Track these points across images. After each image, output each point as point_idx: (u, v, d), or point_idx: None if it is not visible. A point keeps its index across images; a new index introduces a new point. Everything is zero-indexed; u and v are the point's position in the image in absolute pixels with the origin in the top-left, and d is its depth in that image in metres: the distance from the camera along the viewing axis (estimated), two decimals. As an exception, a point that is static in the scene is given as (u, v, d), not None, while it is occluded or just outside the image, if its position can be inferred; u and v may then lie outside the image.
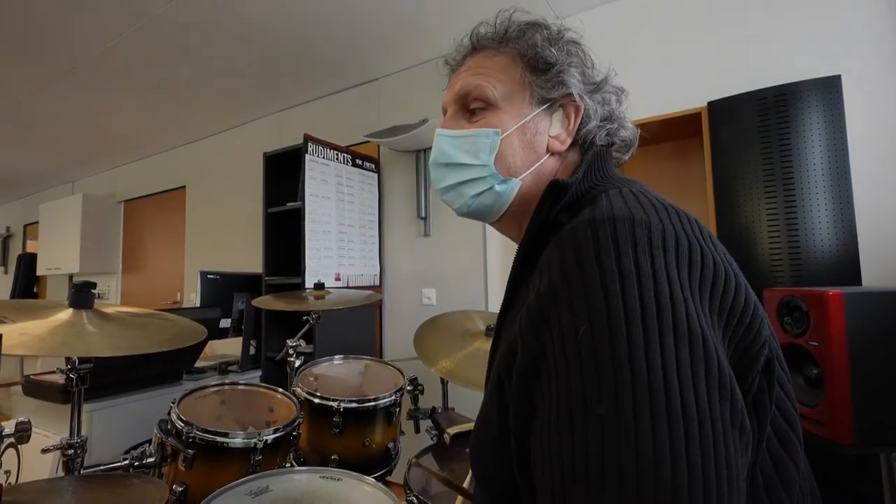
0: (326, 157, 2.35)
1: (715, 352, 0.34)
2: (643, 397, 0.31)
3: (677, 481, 0.29)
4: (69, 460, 0.82)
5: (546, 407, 0.36)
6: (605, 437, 0.32)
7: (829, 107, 1.51)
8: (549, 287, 0.38)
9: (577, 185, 0.48)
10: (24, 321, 0.76)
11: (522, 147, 0.54)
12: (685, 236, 0.37)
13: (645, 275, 0.34)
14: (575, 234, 0.39)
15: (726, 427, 0.32)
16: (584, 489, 0.31)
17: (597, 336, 0.34)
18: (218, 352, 2.67)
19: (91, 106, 3.08)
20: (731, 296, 0.37)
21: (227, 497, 0.91)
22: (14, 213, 5.77)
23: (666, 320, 0.33)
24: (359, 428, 1.27)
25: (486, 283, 2.31)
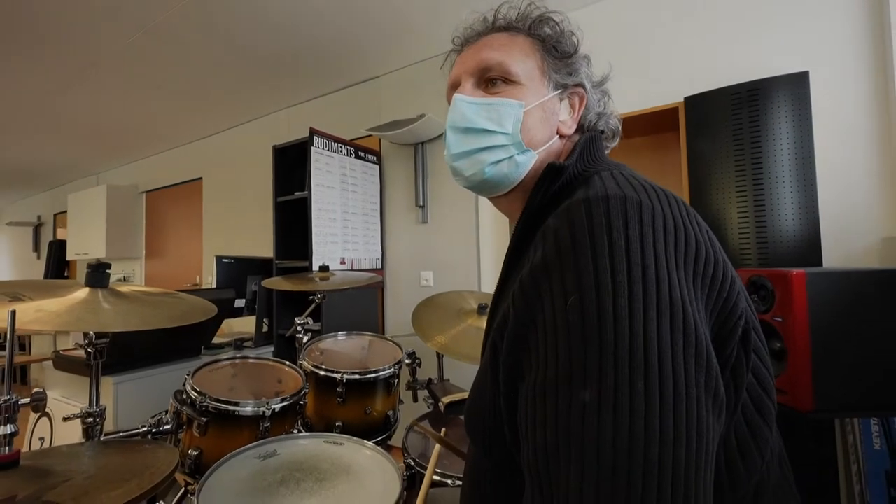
0: (331, 149, 2.31)
1: (694, 324, 0.33)
2: (623, 362, 0.31)
3: (649, 435, 0.29)
4: (89, 427, 0.81)
5: (533, 370, 0.36)
6: (585, 398, 0.31)
7: (797, 101, 1.48)
8: (543, 259, 0.37)
9: (572, 167, 0.47)
10: (42, 299, 0.74)
11: (541, 122, 0.52)
12: (671, 216, 0.37)
13: (634, 250, 0.34)
14: (570, 211, 0.37)
15: (700, 392, 0.32)
16: (565, 443, 0.31)
17: (585, 305, 0.33)
18: (234, 329, 2.66)
19: (112, 102, 3.01)
20: (711, 270, 0.37)
21: (237, 460, 0.90)
22: (44, 203, 5.70)
23: (650, 293, 0.33)
24: (361, 397, 1.26)
25: (478, 265, 2.30)
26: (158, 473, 0.56)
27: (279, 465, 0.89)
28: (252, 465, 0.89)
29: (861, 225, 1.50)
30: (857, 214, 1.51)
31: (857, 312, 1.05)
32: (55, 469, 0.57)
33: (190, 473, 0.97)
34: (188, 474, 0.97)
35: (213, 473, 0.83)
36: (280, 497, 0.79)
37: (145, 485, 0.52)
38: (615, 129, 0.58)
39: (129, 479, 0.54)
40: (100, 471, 0.58)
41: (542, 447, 0.33)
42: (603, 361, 0.32)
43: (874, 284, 1.06)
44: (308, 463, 0.90)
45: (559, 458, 0.32)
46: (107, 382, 1.62)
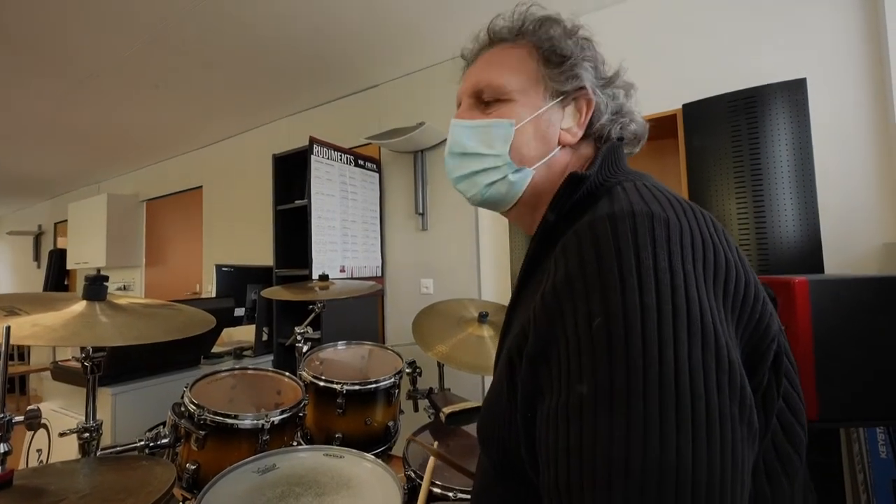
0: (331, 157, 2.31)
1: (726, 348, 0.31)
2: (653, 389, 0.29)
3: (682, 466, 0.28)
4: (85, 443, 0.79)
5: (554, 392, 0.34)
6: (613, 425, 0.29)
7: (795, 108, 1.48)
8: (566, 277, 0.35)
9: (593, 178, 0.45)
10: (39, 313, 0.73)
11: (536, 138, 0.51)
12: (699, 233, 0.35)
13: (662, 270, 0.32)
14: (594, 227, 0.36)
15: (735, 424, 0.30)
16: (590, 475, 0.29)
17: (612, 328, 0.31)
18: (234, 338, 2.64)
19: (112, 112, 3.02)
20: (742, 293, 0.35)
21: (236, 475, 0.88)
22: (45, 212, 5.70)
23: (681, 316, 0.31)
24: (361, 408, 1.25)
25: (478, 273, 2.29)
26: (155, 492, 0.54)
27: (278, 480, 0.87)
28: (251, 479, 0.87)
29: (861, 230, 1.50)
30: (857, 220, 1.50)
31: (861, 319, 1.04)
32: (49, 488, 0.55)
33: (187, 488, 0.96)
34: (186, 489, 0.96)
35: (211, 489, 0.82)
36: (279, 512, 0.77)
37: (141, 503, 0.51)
38: (636, 134, 0.55)
39: (125, 498, 0.53)
40: (95, 489, 0.56)
41: (565, 476, 0.31)
42: (631, 389, 0.30)
43: (878, 291, 1.05)
44: (308, 477, 0.89)
45: (583, 489, 0.30)
46: (105, 393, 1.60)
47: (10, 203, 5.92)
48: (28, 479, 0.58)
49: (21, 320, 0.68)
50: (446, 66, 2.41)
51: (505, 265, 2.20)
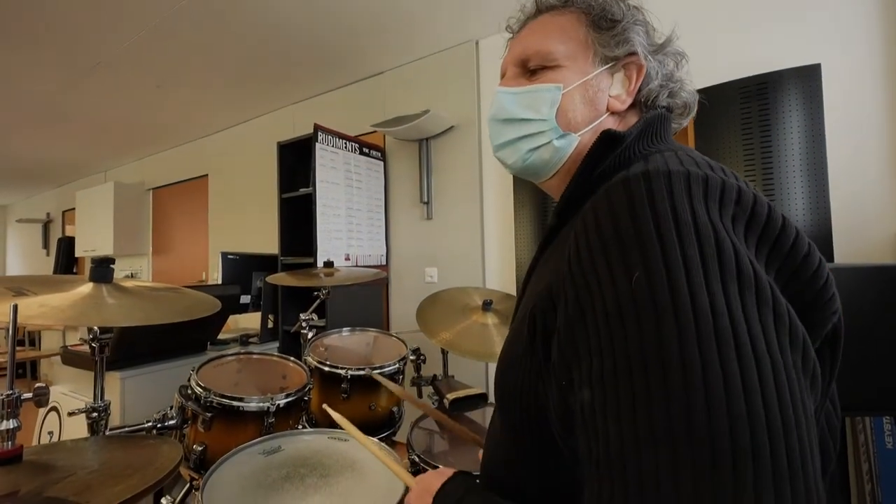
0: (335, 145, 2.30)
1: (783, 301, 0.29)
2: (709, 341, 0.27)
3: (753, 419, 0.26)
4: (94, 423, 0.81)
5: (594, 355, 0.32)
6: (668, 381, 0.27)
7: (809, 94, 1.45)
8: (599, 235, 0.34)
9: (631, 142, 0.43)
10: (46, 294, 0.73)
11: (583, 103, 0.49)
12: (750, 192, 0.33)
13: (703, 224, 0.30)
14: (627, 184, 0.34)
15: (798, 374, 0.28)
16: (648, 437, 0.28)
17: (653, 284, 0.29)
18: (240, 325, 2.67)
19: (118, 100, 3.02)
20: (802, 255, 0.33)
21: (242, 456, 0.89)
22: (53, 201, 5.74)
23: (728, 267, 0.29)
24: (365, 393, 1.25)
25: (483, 262, 2.28)
26: (162, 469, 0.55)
27: (284, 461, 0.88)
28: (257, 460, 0.88)
29: (873, 220, 1.47)
30: (869, 209, 1.48)
31: (872, 308, 1.03)
32: (58, 464, 0.56)
33: (195, 468, 0.97)
34: (193, 469, 0.97)
35: (217, 469, 0.83)
36: (284, 493, 0.78)
37: (148, 480, 0.52)
38: (686, 103, 0.52)
39: (132, 474, 0.54)
40: (103, 466, 0.57)
41: (618, 442, 0.29)
42: (683, 342, 0.27)
43: (888, 280, 1.04)
44: (313, 459, 0.90)
45: (641, 452, 0.28)
46: (114, 377, 1.62)
47: (19, 191, 5.97)
48: (38, 454, 0.59)
49: (29, 301, 0.69)
50: (452, 52, 2.37)
51: (510, 254, 2.19)
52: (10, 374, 0.56)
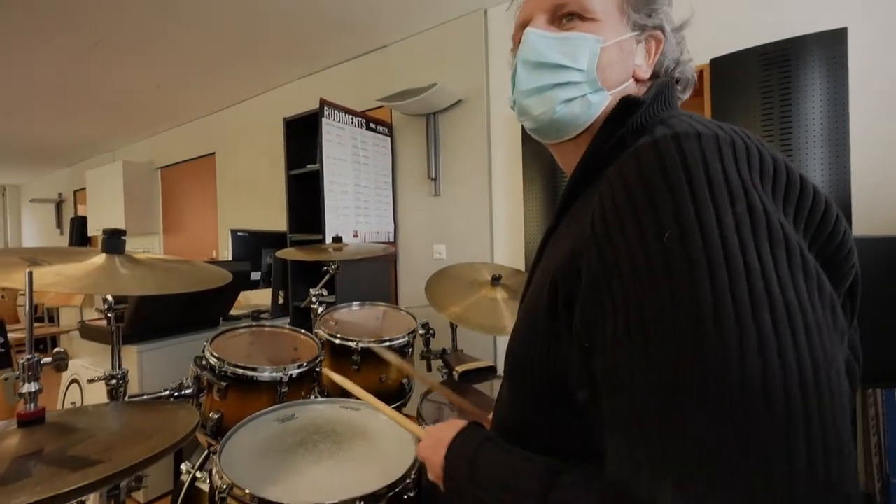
0: (342, 121, 2.26)
1: (812, 260, 0.30)
2: (743, 296, 0.27)
3: (788, 373, 0.26)
4: (113, 389, 0.83)
5: (620, 314, 0.32)
6: (700, 335, 0.28)
7: (833, 62, 1.39)
8: (628, 196, 0.33)
9: (646, 109, 0.43)
10: (61, 264, 0.74)
11: (618, 62, 0.48)
12: (769, 154, 0.33)
13: (734, 184, 0.31)
14: (656, 144, 0.34)
15: (830, 330, 0.28)
16: (680, 389, 0.28)
17: (687, 241, 0.29)
18: (251, 302, 2.71)
19: (123, 77, 2.99)
20: (821, 211, 0.33)
21: (257, 422, 0.91)
22: (64, 180, 5.79)
23: (760, 227, 0.29)
24: (376, 365, 1.27)
25: (491, 238, 2.27)
26: (179, 431, 0.56)
27: (298, 428, 0.90)
28: (271, 427, 0.90)
29: (894, 192, 1.42)
30: (891, 181, 1.43)
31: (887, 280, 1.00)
32: (80, 426, 0.58)
33: (212, 435, 1.00)
34: (210, 436, 1.00)
35: (233, 434, 0.85)
36: (299, 458, 0.80)
37: (167, 441, 0.53)
38: (690, 79, 0.53)
39: (152, 435, 0.55)
40: (123, 428, 0.59)
41: (645, 397, 0.29)
42: (717, 298, 0.28)
43: (909, 252, 1.01)
44: (326, 426, 0.92)
45: (671, 407, 0.28)
46: (131, 351, 1.66)
47: (30, 171, 6.02)
48: (60, 417, 0.60)
49: (44, 270, 0.69)
50: (460, 22, 2.30)
51: (518, 231, 2.17)
52: (28, 338, 0.57)
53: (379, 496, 0.70)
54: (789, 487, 0.25)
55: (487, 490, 0.40)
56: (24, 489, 0.43)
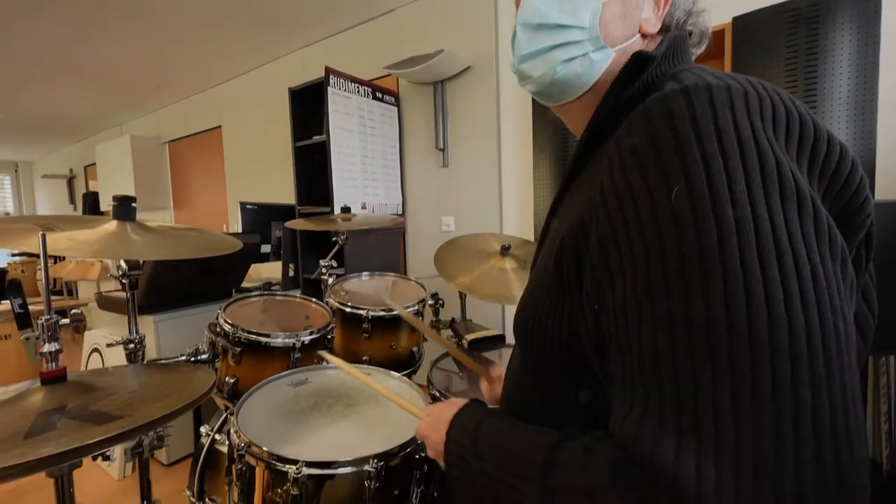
0: (348, 90, 2.21)
1: (824, 213, 0.29)
2: (750, 249, 0.27)
3: (794, 325, 0.26)
4: (131, 353, 0.85)
5: (628, 274, 0.32)
6: (708, 289, 0.28)
7: (864, 19, 1.30)
8: (637, 153, 0.32)
9: (658, 63, 0.41)
10: (73, 231, 0.74)
11: (621, 17, 0.45)
12: (782, 103, 0.32)
13: (746, 137, 0.30)
14: (665, 99, 0.32)
15: (839, 284, 0.28)
16: (686, 343, 0.28)
17: (695, 192, 0.29)
18: (262, 275, 2.74)
19: (126, 49, 2.95)
20: (835, 161, 0.32)
21: (272, 386, 0.94)
22: (75, 156, 5.82)
23: (771, 180, 0.29)
24: (386, 333, 1.28)
25: (500, 210, 2.24)
26: (197, 390, 0.57)
27: (311, 392, 0.92)
28: (286, 391, 0.92)
29: (922, 158, 1.37)
30: (919, 146, 1.37)
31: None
32: (100, 385, 0.59)
33: (228, 398, 1.02)
34: (227, 399, 1.03)
35: (249, 397, 0.87)
36: (313, 419, 0.82)
37: (185, 399, 0.54)
38: (704, 32, 0.50)
39: (170, 394, 0.56)
40: (142, 387, 0.60)
41: (652, 353, 0.30)
42: (725, 251, 0.27)
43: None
44: (338, 390, 0.93)
45: (677, 360, 0.28)
46: (147, 321, 1.70)
47: (41, 147, 6.05)
48: (81, 377, 0.62)
49: (57, 235, 0.70)
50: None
51: (528, 202, 2.14)
52: (45, 300, 0.58)
53: (392, 455, 0.71)
54: (794, 437, 0.25)
55: (492, 462, 0.40)
56: (50, 440, 0.44)
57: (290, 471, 0.66)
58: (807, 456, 0.25)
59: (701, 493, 0.25)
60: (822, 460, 0.25)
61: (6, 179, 7.09)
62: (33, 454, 0.41)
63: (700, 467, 0.26)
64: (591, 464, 0.32)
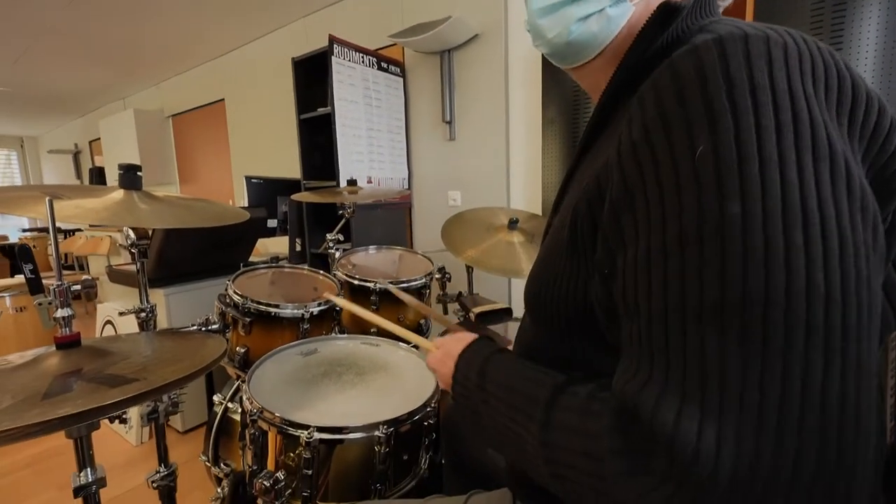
0: (352, 59, 2.16)
1: (858, 176, 0.28)
2: (775, 213, 0.25)
3: (812, 293, 0.25)
4: (143, 322, 0.86)
5: (643, 236, 0.30)
6: (725, 251, 0.26)
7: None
8: (660, 111, 0.30)
9: (686, 16, 0.38)
10: (80, 199, 0.74)
11: None
12: (821, 57, 0.30)
13: (781, 91, 0.28)
14: (696, 50, 0.30)
15: (868, 250, 0.27)
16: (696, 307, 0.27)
17: (721, 153, 0.27)
18: (270, 250, 2.75)
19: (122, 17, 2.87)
20: (874, 120, 0.30)
21: (282, 355, 0.95)
22: (79, 131, 5.79)
23: (804, 138, 0.27)
24: (394, 306, 1.29)
25: (508, 185, 2.21)
26: (209, 356, 0.58)
27: (321, 361, 0.93)
28: (296, 360, 0.93)
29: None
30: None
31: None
32: (114, 350, 0.60)
33: (240, 367, 1.04)
34: (238, 368, 1.04)
35: (260, 365, 0.88)
36: (323, 387, 0.83)
37: (197, 364, 0.55)
38: None
39: (182, 359, 0.57)
40: (155, 353, 0.61)
41: (661, 314, 0.28)
42: (747, 213, 0.26)
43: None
44: (348, 360, 0.94)
45: (686, 323, 0.27)
46: (158, 294, 1.73)
47: (45, 121, 6.02)
48: (95, 343, 0.63)
49: (64, 203, 0.69)
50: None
51: (536, 176, 2.10)
52: (56, 266, 0.58)
53: (401, 421, 0.72)
54: (800, 406, 0.24)
55: (497, 397, 0.40)
56: (67, 402, 0.45)
57: (302, 435, 0.67)
58: (811, 424, 0.24)
59: (699, 453, 0.25)
60: (826, 431, 0.24)
61: (13, 155, 7.10)
62: (52, 413, 0.42)
63: (702, 431, 0.25)
64: (592, 409, 0.32)
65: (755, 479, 0.24)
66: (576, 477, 0.31)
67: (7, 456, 1.71)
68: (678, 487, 0.25)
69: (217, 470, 1.08)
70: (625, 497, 0.28)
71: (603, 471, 0.29)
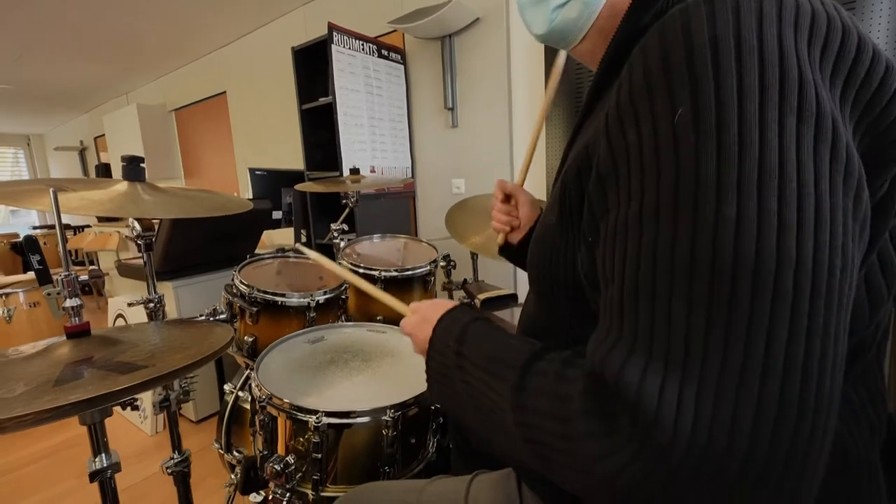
0: (352, 47, 2.13)
1: (845, 138, 0.26)
2: (750, 176, 0.25)
3: (782, 258, 0.24)
4: (152, 312, 0.87)
5: (622, 204, 0.30)
6: (698, 215, 0.26)
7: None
8: (645, 75, 0.30)
9: None
10: (85, 191, 0.74)
11: None
12: (824, 11, 0.28)
13: (769, 49, 0.26)
14: (686, 10, 0.29)
15: (847, 218, 0.26)
16: (667, 272, 0.26)
17: (700, 114, 0.26)
18: (275, 242, 2.77)
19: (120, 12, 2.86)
20: (878, 80, 0.28)
21: (289, 343, 0.96)
22: (84, 127, 5.81)
23: (789, 97, 0.26)
24: (399, 294, 1.29)
25: (512, 170, 2.19)
26: (216, 343, 0.59)
27: (328, 348, 0.94)
28: (303, 348, 0.94)
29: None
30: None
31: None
32: (123, 340, 0.61)
33: (248, 356, 1.05)
34: (247, 357, 1.06)
35: (268, 353, 0.89)
36: (330, 374, 0.84)
37: (205, 351, 0.55)
38: None
39: (191, 346, 0.58)
40: (164, 341, 0.62)
41: (633, 281, 0.28)
42: (722, 176, 0.25)
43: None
44: (354, 347, 0.95)
45: (657, 289, 0.27)
46: (166, 287, 1.74)
47: (50, 118, 6.05)
48: (105, 332, 0.64)
49: (69, 195, 0.70)
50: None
51: (539, 161, 2.08)
52: (63, 256, 0.58)
53: (408, 405, 0.73)
54: (762, 371, 0.24)
55: (473, 362, 0.40)
56: (78, 388, 0.46)
57: (311, 420, 0.68)
58: (772, 390, 0.24)
59: (661, 413, 0.25)
60: (786, 397, 0.24)
61: (20, 153, 7.16)
62: (63, 400, 0.42)
63: (663, 392, 0.25)
64: (566, 374, 0.32)
65: (713, 443, 0.24)
66: (545, 439, 0.31)
67: (27, 447, 1.76)
68: (640, 447, 0.25)
69: (230, 457, 1.10)
70: (590, 456, 0.28)
71: (570, 431, 0.29)
